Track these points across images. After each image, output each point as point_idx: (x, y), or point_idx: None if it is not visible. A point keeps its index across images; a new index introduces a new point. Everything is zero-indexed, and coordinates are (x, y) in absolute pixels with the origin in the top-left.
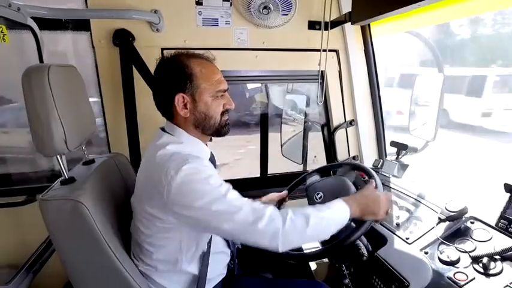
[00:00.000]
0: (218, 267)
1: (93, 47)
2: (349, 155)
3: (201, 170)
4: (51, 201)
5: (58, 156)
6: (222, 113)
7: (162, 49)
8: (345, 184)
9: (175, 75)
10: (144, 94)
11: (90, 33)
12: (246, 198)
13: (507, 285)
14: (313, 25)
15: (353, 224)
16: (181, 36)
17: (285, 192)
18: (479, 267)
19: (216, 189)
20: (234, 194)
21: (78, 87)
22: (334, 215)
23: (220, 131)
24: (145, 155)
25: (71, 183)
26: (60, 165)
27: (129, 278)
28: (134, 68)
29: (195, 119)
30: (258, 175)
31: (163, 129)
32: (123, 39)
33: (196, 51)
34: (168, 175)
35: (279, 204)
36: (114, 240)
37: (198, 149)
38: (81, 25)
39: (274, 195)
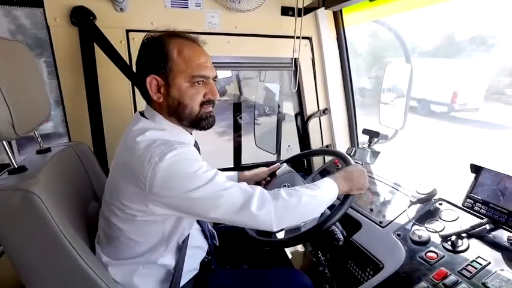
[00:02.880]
0: (192, 262)
1: (48, 26)
2: (323, 144)
3: (187, 156)
4: None
5: (5, 142)
6: (202, 103)
7: (127, 31)
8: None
9: (150, 54)
10: (107, 78)
11: (44, 10)
12: (234, 182)
13: (474, 260)
14: (286, 11)
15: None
16: (148, 17)
17: (276, 165)
18: (448, 246)
19: (203, 174)
20: (222, 178)
21: (28, 66)
22: (324, 193)
23: (198, 124)
24: (121, 144)
25: (20, 173)
26: (7, 152)
27: (96, 278)
28: (96, 50)
29: (168, 106)
30: (231, 166)
31: (142, 114)
32: (82, 18)
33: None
34: (152, 162)
35: (270, 179)
36: (76, 236)
37: (181, 136)
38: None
39: (262, 172)
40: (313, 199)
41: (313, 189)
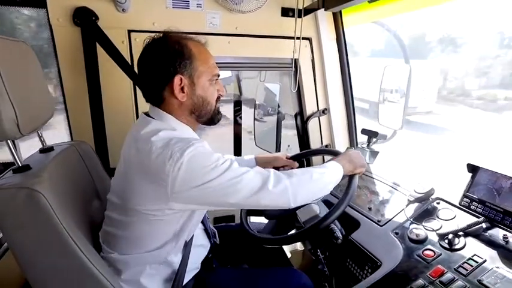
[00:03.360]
0: (195, 260)
1: (50, 26)
2: (322, 144)
3: (204, 150)
4: (0, 191)
5: (9, 141)
6: (216, 100)
7: (129, 31)
8: None
9: (173, 55)
10: (109, 78)
11: (47, 10)
12: (248, 168)
13: (470, 258)
14: (286, 12)
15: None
16: (150, 17)
17: (293, 162)
18: (445, 244)
19: (221, 165)
20: (237, 165)
21: (31, 65)
22: (331, 172)
23: (214, 119)
24: (129, 145)
25: (25, 172)
26: (11, 151)
27: (100, 276)
28: (98, 50)
29: (193, 104)
30: None
31: (147, 115)
32: (85, 19)
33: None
34: (174, 158)
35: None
36: (80, 234)
37: (191, 134)
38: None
39: (281, 158)
40: (322, 176)
41: (321, 168)
